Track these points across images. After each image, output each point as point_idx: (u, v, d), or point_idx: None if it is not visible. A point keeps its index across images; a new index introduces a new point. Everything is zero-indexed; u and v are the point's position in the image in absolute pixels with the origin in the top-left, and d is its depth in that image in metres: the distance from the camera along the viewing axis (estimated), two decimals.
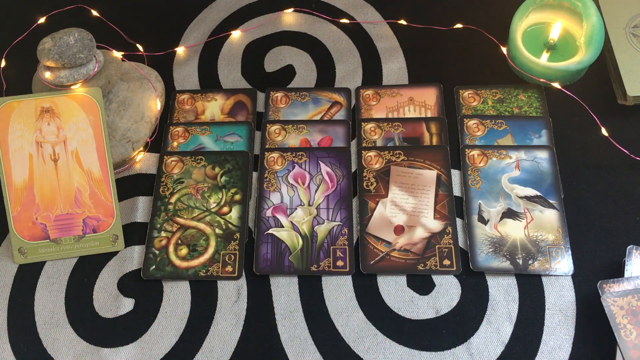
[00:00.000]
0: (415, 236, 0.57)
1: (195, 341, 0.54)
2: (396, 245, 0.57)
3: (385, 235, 0.58)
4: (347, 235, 0.58)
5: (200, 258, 0.58)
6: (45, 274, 0.58)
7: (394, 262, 0.56)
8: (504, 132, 0.63)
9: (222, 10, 0.74)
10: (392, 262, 0.56)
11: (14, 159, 0.58)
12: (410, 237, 0.57)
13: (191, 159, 0.63)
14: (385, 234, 0.58)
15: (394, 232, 0.58)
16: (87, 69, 0.59)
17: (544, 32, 0.67)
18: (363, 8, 0.73)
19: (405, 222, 0.58)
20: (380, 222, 0.58)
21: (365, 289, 0.56)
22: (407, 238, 0.57)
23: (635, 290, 0.51)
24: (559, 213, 0.57)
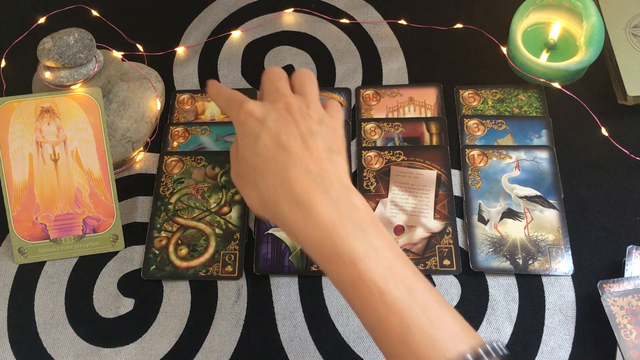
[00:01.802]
0: (415, 236, 0.57)
1: (195, 341, 0.54)
2: None
3: None
4: None
5: (200, 258, 0.58)
6: (45, 274, 0.58)
7: None
8: (504, 132, 0.63)
9: (222, 10, 0.74)
10: None
11: (14, 159, 0.58)
12: (410, 237, 0.57)
13: (191, 159, 0.63)
14: None
15: (394, 232, 0.58)
16: (87, 69, 0.59)
17: (544, 32, 0.67)
18: (363, 8, 0.73)
19: (405, 222, 0.58)
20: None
21: None
22: (407, 238, 0.57)
23: (635, 290, 0.51)
24: (559, 213, 0.57)
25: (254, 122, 0.46)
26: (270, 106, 0.47)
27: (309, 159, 0.43)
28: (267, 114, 0.46)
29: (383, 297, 0.38)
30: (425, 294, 0.39)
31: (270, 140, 0.44)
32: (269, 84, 0.50)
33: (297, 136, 0.44)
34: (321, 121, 0.47)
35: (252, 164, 0.45)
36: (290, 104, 0.47)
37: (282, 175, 0.43)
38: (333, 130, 0.47)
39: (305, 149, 0.44)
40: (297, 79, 0.51)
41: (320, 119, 0.47)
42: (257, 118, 0.46)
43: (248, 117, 0.46)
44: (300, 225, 0.41)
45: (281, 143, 0.44)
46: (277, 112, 0.46)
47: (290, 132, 0.44)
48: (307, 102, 0.48)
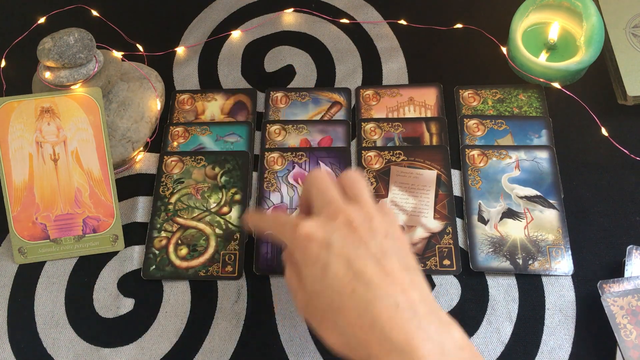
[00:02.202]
0: (415, 236, 0.57)
1: (195, 341, 0.54)
2: None
3: None
4: None
5: (200, 258, 0.58)
6: (45, 274, 0.58)
7: None
8: (504, 132, 0.63)
9: (222, 10, 0.74)
10: None
11: (14, 159, 0.58)
12: (410, 237, 0.57)
13: (191, 159, 0.63)
14: None
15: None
16: (87, 69, 0.59)
17: (543, 32, 0.67)
18: (363, 8, 0.73)
19: (405, 222, 0.58)
20: None
21: None
22: (407, 238, 0.57)
23: (635, 290, 0.51)
24: (559, 213, 0.57)
25: (317, 248, 0.40)
26: (331, 224, 0.41)
27: (393, 287, 0.37)
28: (331, 236, 0.40)
29: None
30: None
31: (343, 269, 0.38)
32: (319, 194, 0.43)
33: (371, 259, 0.39)
34: (388, 234, 0.41)
35: (327, 299, 0.38)
36: (351, 219, 0.40)
37: (367, 313, 0.37)
38: (402, 242, 0.42)
39: (385, 275, 0.38)
40: (347, 183, 0.45)
41: (387, 231, 0.41)
42: (320, 242, 0.40)
43: (308, 241, 0.40)
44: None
45: (356, 271, 0.38)
46: (340, 231, 0.40)
47: (362, 256, 0.39)
48: (367, 212, 0.42)
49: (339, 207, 0.42)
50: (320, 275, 0.39)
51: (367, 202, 0.43)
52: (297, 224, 0.41)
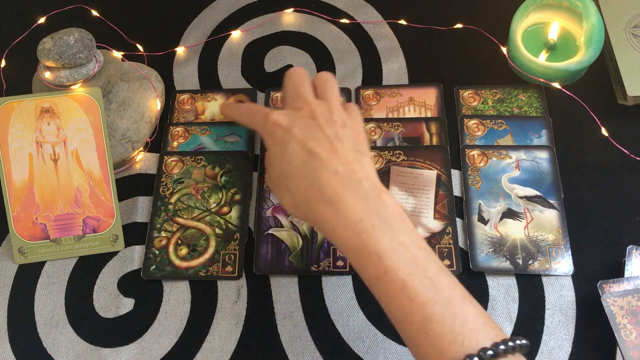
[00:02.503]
0: None
1: (195, 341, 0.54)
2: None
3: None
4: None
5: (200, 258, 0.58)
6: (45, 274, 0.58)
7: None
8: (504, 132, 0.63)
9: (222, 10, 0.74)
10: None
11: (14, 159, 0.58)
12: None
13: (191, 159, 0.63)
14: None
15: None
16: (87, 69, 0.59)
17: (543, 32, 0.67)
18: (363, 8, 0.73)
19: None
20: None
21: (366, 289, 0.55)
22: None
23: (635, 290, 0.51)
24: (559, 213, 0.57)
25: (281, 132, 0.48)
26: (295, 114, 0.49)
27: (337, 161, 0.45)
28: (293, 122, 0.48)
29: (406, 290, 0.40)
30: (449, 288, 0.40)
31: (299, 147, 0.47)
32: (292, 88, 0.52)
33: (323, 141, 0.47)
34: (344, 124, 0.49)
35: (284, 170, 0.47)
36: (314, 110, 0.49)
37: (312, 178, 0.45)
38: (356, 133, 0.49)
39: (333, 152, 0.46)
40: (319, 82, 0.53)
41: (344, 122, 0.49)
42: (284, 127, 0.48)
43: (275, 127, 0.49)
44: (331, 223, 0.43)
45: (309, 149, 0.46)
46: (302, 119, 0.48)
47: (317, 138, 0.47)
48: (329, 107, 0.50)
49: (306, 101, 0.50)
50: (281, 152, 0.48)
51: (332, 100, 0.51)
52: (267, 114, 0.50)
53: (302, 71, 0.54)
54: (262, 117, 0.51)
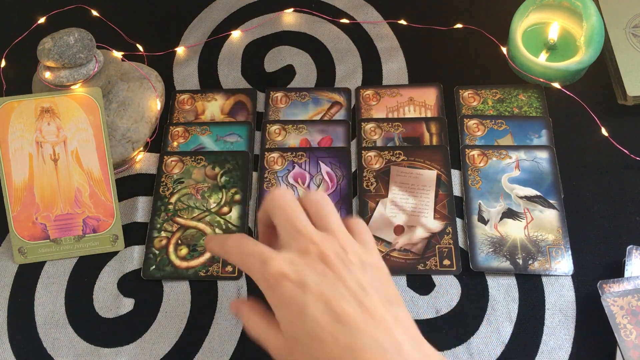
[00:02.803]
0: (415, 236, 0.57)
1: (195, 341, 0.54)
2: (396, 245, 0.57)
3: (385, 235, 0.58)
4: None
5: (200, 258, 0.58)
6: (45, 274, 0.58)
7: (394, 262, 0.56)
8: (504, 132, 0.63)
9: (222, 10, 0.74)
10: (392, 262, 0.56)
11: (14, 159, 0.58)
12: (410, 237, 0.57)
13: (191, 159, 0.63)
14: (385, 234, 0.58)
15: (394, 232, 0.58)
16: (87, 69, 0.59)
17: (543, 32, 0.67)
18: (363, 8, 0.73)
19: (405, 222, 0.58)
20: (380, 222, 0.58)
21: None
22: (407, 238, 0.57)
23: (635, 290, 0.51)
24: (559, 213, 0.57)
25: (291, 288, 0.36)
26: (303, 260, 0.37)
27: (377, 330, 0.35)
28: (304, 274, 0.36)
29: None
30: None
31: (322, 312, 0.35)
32: (285, 221, 0.39)
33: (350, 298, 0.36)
34: (363, 264, 0.38)
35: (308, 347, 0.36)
36: (323, 252, 0.37)
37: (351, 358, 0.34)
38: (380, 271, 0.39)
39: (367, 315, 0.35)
40: (312, 209, 0.41)
41: (361, 261, 0.38)
42: (294, 281, 0.36)
43: (280, 280, 0.37)
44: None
45: (336, 314, 0.35)
46: (314, 267, 0.37)
47: (341, 295, 0.36)
48: (339, 241, 0.39)
49: (311, 239, 0.38)
50: (297, 319, 0.36)
51: (338, 230, 0.39)
52: (266, 260, 0.37)
53: (288, 195, 0.40)
54: (259, 264, 0.38)
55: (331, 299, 0.36)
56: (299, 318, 0.36)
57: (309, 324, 0.35)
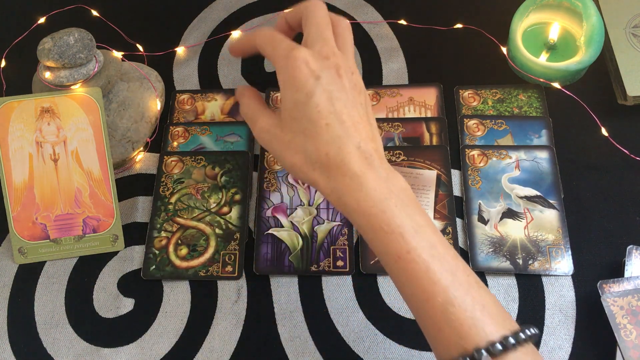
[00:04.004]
0: None
1: (195, 341, 0.54)
2: None
3: None
4: (347, 235, 0.58)
5: (200, 258, 0.58)
6: (45, 274, 0.58)
7: None
8: (504, 132, 0.63)
9: (222, 10, 0.74)
10: None
11: (14, 159, 0.58)
12: None
13: (191, 159, 0.63)
14: None
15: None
16: (87, 69, 0.59)
17: (543, 32, 0.67)
18: (363, 8, 0.73)
19: None
20: None
21: (365, 289, 0.56)
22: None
23: (635, 290, 0.51)
24: (559, 213, 0.57)
25: (307, 74, 0.42)
26: (323, 61, 0.43)
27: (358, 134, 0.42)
28: (322, 70, 0.42)
29: (429, 272, 0.39)
30: (465, 273, 0.40)
31: (325, 104, 0.42)
32: (316, 29, 0.45)
33: (348, 106, 0.43)
34: (361, 91, 0.45)
35: (302, 125, 0.43)
36: (339, 65, 0.44)
37: (335, 145, 0.42)
38: (368, 99, 0.46)
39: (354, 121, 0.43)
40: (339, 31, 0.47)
41: (361, 88, 0.45)
42: (312, 70, 0.42)
43: (301, 64, 0.42)
44: (353, 196, 0.42)
45: (335, 110, 0.42)
46: (329, 70, 0.43)
47: (342, 100, 0.43)
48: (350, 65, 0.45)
49: (333, 51, 0.44)
50: (302, 100, 0.42)
51: (350, 56, 0.46)
52: (293, 47, 0.43)
53: (325, 9, 0.46)
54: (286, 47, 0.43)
55: (334, 97, 0.42)
56: (304, 100, 0.42)
57: (311, 107, 0.42)
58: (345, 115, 0.42)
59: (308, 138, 0.43)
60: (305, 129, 0.43)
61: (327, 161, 0.42)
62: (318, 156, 0.42)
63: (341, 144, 0.42)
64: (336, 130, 0.42)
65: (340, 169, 0.42)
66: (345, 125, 0.42)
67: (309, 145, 0.43)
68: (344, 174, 0.42)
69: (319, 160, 0.42)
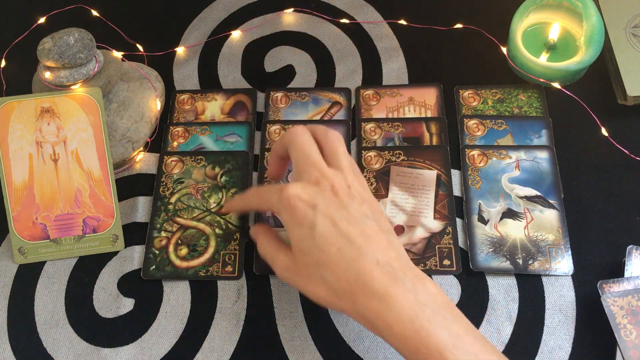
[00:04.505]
0: (415, 236, 0.57)
1: (195, 341, 0.54)
2: None
3: None
4: None
5: (200, 258, 0.58)
6: (45, 274, 0.58)
7: None
8: (504, 132, 0.63)
9: (222, 10, 0.74)
10: None
11: (14, 159, 0.58)
12: (410, 237, 0.57)
13: (191, 159, 0.63)
14: None
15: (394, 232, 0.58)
16: (87, 69, 0.59)
17: (544, 32, 0.67)
18: (363, 8, 0.73)
19: (405, 222, 0.58)
20: None
21: None
22: (407, 238, 0.57)
23: (635, 290, 0.51)
24: (559, 213, 0.57)
25: (304, 208, 0.43)
26: (315, 188, 0.44)
27: (373, 248, 0.42)
28: (316, 198, 0.43)
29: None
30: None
31: (330, 230, 0.42)
32: (301, 157, 0.46)
33: (353, 222, 0.43)
34: (363, 200, 0.45)
35: (314, 257, 0.42)
36: (333, 185, 0.44)
37: (353, 268, 0.41)
38: (375, 207, 0.45)
39: (365, 236, 0.42)
40: (327, 146, 0.47)
41: (362, 197, 0.45)
42: (306, 203, 0.43)
43: (295, 201, 0.43)
44: (385, 319, 0.40)
45: (343, 232, 0.42)
46: (324, 194, 0.43)
47: (345, 218, 0.43)
48: (345, 178, 0.45)
49: (322, 173, 0.45)
50: (308, 234, 0.42)
51: (346, 168, 0.46)
52: (282, 189, 0.44)
53: (306, 133, 0.47)
54: (276, 192, 0.45)
55: (337, 219, 0.42)
56: (309, 232, 0.42)
57: (317, 238, 0.42)
58: (354, 233, 0.42)
59: (324, 268, 0.42)
60: (319, 259, 0.42)
61: (349, 288, 0.41)
62: (339, 284, 0.42)
63: (358, 265, 0.41)
64: (349, 253, 0.41)
65: (365, 293, 0.41)
66: (357, 244, 0.41)
67: (327, 275, 0.42)
68: (370, 297, 0.40)
69: (341, 288, 0.41)
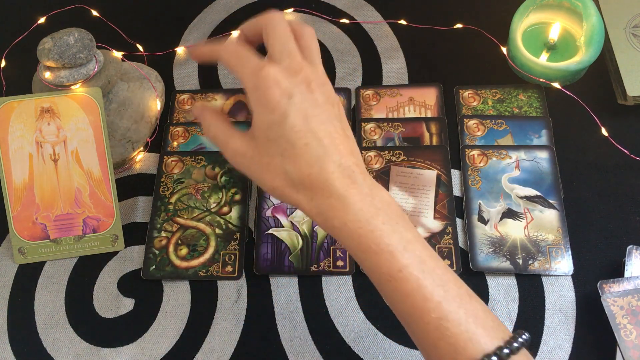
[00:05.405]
0: None
1: (195, 341, 0.54)
2: None
3: None
4: None
5: (200, 258, 0.58)
6: (45, 274, 0.58)
7: None
8: (504, 132, 0.63)
9: (222, 10, 0.74)
10: None
11: (14, 159, 0.58)
12: None
13: (191, 159, 0.63)
14: None
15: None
16: (87, 69, 0.59)
17: (544, 32, 0.67)
18: (363, 8, 0.73)
19: None
20: None
21: (365, 289, 0.56)
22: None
23: (635, 290, 0.51)
24: (559, 213, 0.57)
25: (279, 95, 0.41)
26: (294, 79, 0.42)
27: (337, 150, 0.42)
28: (294, 89, 0.42)
29: (421, 289, 0.39)
30: (456, 286, 0.40)
31: (301, 124, 0.41)
32: (279, 42, 0.44)
33: (325, 122, 0.42)
34: (334, 102, 0.44)
35: (281, 147, 0.42)
36: (309, 79, 0.43)
37: (317, 165, 0.41)
38: (342, 111, 0.45)
39: (331, 138, 0.42)
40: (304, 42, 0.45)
41: (333, 99, 0.44)
42: (283, 90, 0.41)
43: (271, 85, 0.41)
44: (340, 218, 0.41)
45: (312, 128, 0.41)
46: (300, 87, 0.42)
47: (317, 116, 0.42)
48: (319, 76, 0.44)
49: (300, 64, 0.43)
50: (278, 122, 0.41)
51: (319, 66, 0.45)
52: (262, 66, 0.42)
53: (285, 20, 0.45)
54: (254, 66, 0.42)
55: (310, 115, 0.42)
56: (279, 121, 0.41)
57: (287, 129, 0.41)
58: (323, 132, 0.42)
59: (288, 159, 0.42)
60: (284, 150, 0.42)
61: (309, 183, 0.42)
62: (300, 178, 0.42)
63: (322, 163, 0.41)
64: (316, 150, 0.41)
65: (324, 190, 0.41)
66: (324, 143, 0.42)
67: (289, 167, 0.42)
68: (328, 195, 0.41)
69: (302, 182, 0.42)
